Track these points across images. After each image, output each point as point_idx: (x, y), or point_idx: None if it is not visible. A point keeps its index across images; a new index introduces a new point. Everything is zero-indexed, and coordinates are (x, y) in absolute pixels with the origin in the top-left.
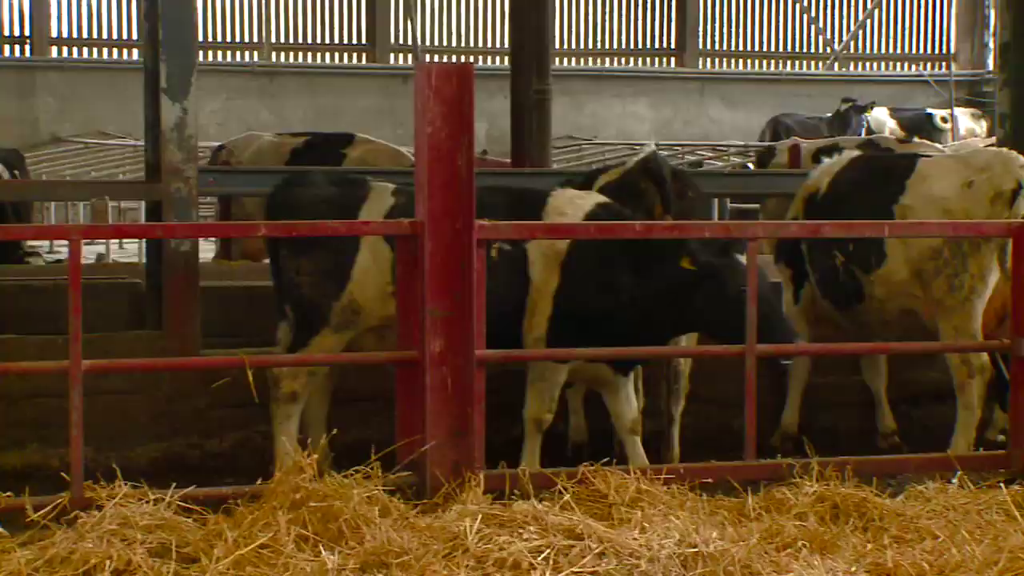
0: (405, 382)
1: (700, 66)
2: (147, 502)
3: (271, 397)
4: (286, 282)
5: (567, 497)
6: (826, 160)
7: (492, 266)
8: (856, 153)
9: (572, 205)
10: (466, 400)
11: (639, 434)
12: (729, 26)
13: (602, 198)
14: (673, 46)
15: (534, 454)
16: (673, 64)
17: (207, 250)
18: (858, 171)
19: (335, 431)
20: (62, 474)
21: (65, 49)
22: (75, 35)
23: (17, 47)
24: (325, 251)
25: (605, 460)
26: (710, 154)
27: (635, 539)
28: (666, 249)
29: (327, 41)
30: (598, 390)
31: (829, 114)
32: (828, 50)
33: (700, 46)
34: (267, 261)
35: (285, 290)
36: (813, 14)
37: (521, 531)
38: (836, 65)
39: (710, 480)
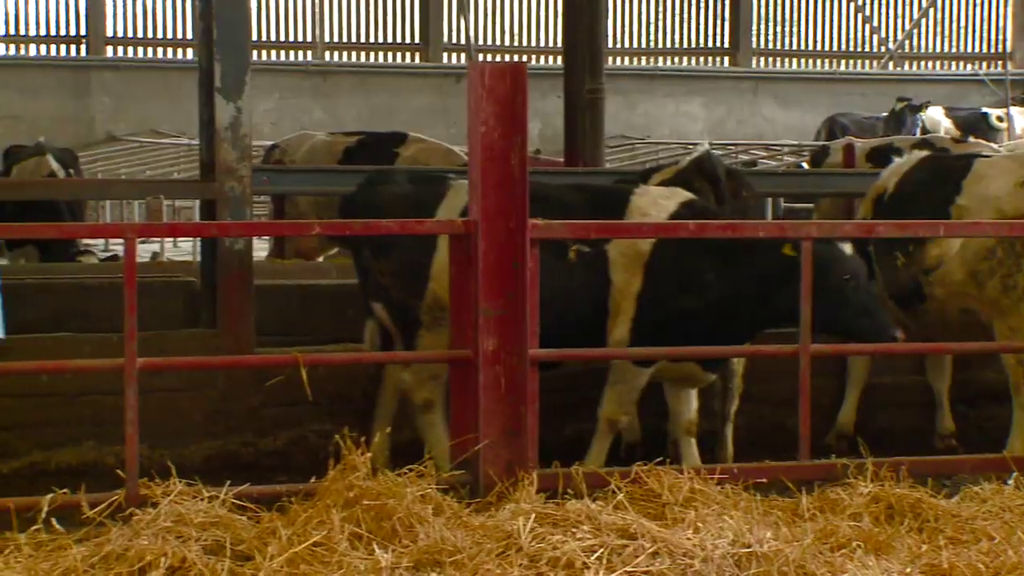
0: (459, 381)
1: (753, 65)
2: (201, 500)
3: (412, 409)
4: (372, 282)
5: (620, 496)
6: (896, 160)
7: (571, 268)
8: (925, 153)
9: (656, 206)
10: (519, 399)
11: (694, 435)
12: (783, 25)
13: (687, 196)
14: (726, 45)
15: (601, 453)
16: (726, 63)
17: (260, 249)
18: (923, 171)
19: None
20: (117, 471)
21: (120, 48)
22: (130, 35)
23: (73, 47)
24: (404, 250)
25: (659, 460)
26: (763, 153)
27: (689, 539)
28: (759, 243)
29: (380, 40)
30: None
31: (884, 113)
32: (883, 49)
33: (753, 45)
34: (321, 259)
35: (372, 290)
36: (867, 13)
37: (574, 530)
38: (891, 64)
39: (764, 480)
